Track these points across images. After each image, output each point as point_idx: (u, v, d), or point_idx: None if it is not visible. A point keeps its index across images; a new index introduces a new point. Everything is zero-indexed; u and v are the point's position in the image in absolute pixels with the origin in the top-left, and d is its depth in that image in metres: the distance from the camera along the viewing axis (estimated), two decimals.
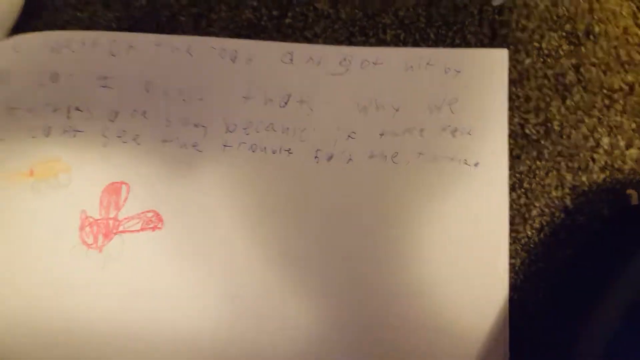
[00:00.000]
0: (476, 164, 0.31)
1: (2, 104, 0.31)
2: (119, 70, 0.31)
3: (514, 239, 0.31)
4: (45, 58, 0.31)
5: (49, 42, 0.31)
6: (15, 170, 0.30)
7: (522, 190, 0.32)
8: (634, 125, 0.32)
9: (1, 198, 0.30)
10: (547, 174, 0.32)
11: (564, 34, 0.33)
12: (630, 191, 0.32)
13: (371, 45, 0.33)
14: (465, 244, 0.30)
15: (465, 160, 0.31)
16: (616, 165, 0.32)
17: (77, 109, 0.31)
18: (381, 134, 0.32)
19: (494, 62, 0.33)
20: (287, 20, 0.33)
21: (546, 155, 0.32)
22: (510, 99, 0.33)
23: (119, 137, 0.31)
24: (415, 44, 0.34)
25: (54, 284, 0.30)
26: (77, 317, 0.29)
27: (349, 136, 0.32)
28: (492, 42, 0.34)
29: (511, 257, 0.31)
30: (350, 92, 0.32)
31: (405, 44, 0.34)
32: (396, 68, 0.33)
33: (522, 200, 0.32)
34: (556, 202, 0.31)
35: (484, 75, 0.33)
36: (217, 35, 0.33)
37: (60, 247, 0.30)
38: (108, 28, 0.33)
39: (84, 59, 0.31)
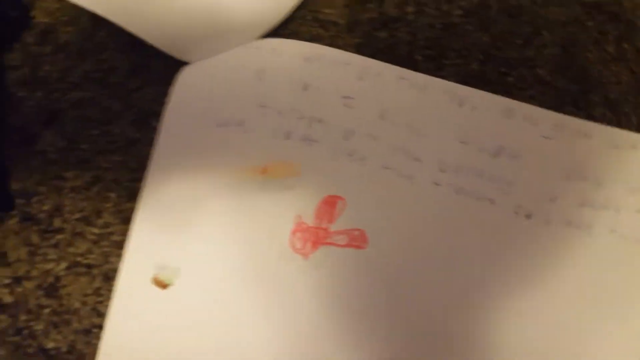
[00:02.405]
0: None
1: (255, 99, 0.30)
2: (362, 93, 0.30)
3: None
4: (299, 66, 0.30)
5: (305, 53, 0.30)
6: (251, 164, 0.29)
7: None
8: None
9: (233, 188, 0.29)
10: None
11: None
12: None
13: (579, 117, 0.32)
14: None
15: None
16: None
17: (319, 120, 0.30)
18: (580, 205, 0.30)
19: None
20: (510, 79, 0.32)
21: None
22: None
23: (349, 155, 0.30)
24: (619, 126, 0.32)
25: (256, 279, 0.29)
26: (269, 313, 0.28)
27: (550, 199, 0.30)
28: None
29: None
30: (557, 158, 0.31)
31: (609, 123, 0.32)
32: (603, 145, 0.31)
33: None
34: None
35: None
36: (445, 78, 0.31)
37: (271, 246, 0.29)
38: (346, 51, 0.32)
39: (334, 76, 0.30)
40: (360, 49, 0.32)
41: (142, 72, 0.31)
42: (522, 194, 0.31)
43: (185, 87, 0.29)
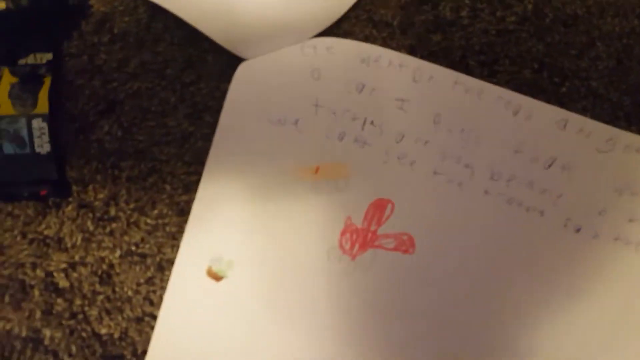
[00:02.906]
0: None
1: (310, 98, 0.29)
2: (416, 96, 0.30)
3: None
4: (354, 67, 0.29)
5: (361, 53, 0.29)
6: (304, 163, 0.29)
7: None
8: None
9: (286, 187, 0.29)
10: None
11: None
12: None
13: (632, 132, 0.31)
14: None
15: None
16: None
17: (372, 123, 0.29)
18: (630, 220, 0.29)
19: None
20: (563, 89, 0.31)
21: None
22: None
23: (399, 158, 0.30)
24: None
25: (304, 277, 0.29)
26: (316, 310, 0.28)
27: (599, 213, 0.30)
28: None
29: None
30: (609, 172, 0.30)
31: None
32: None
33: None
34: None
35: None
36: (497, 85, 0.30)
37: (320, 246, 0.29)
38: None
39: (389, 77, 0.30)
40: (413, 52, 0.31)
41: (198, 67, 0.30)
42: (572, 207, 0.30)
43: (242, 83, 0.29)
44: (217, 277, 0.28)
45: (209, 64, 0.30)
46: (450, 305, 0.29)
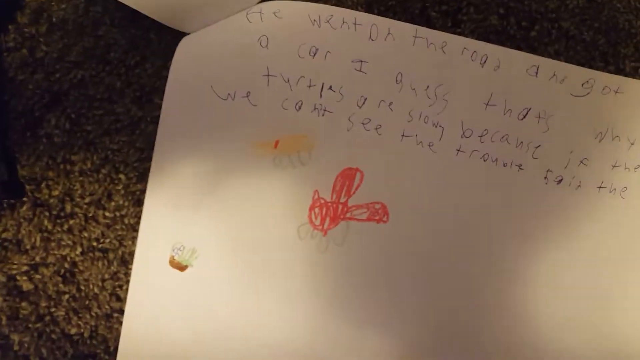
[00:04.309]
0: None
1: (259, 69, 0.26)
2: (375, 56, 0.26)
3: None
4: (306, 30, 0.26)
5: (311, 14, 0.26)
6: (262, 138, 0.26)
7: None
8: None
9: (245, 165, 0.26)
10: None
11: None
12: None
13: (609, 72, 0.27)
14: None
15: None
16: None
17: (330, 88, 0.26)
18: (613, 166, 0.26)
19: None
20: (533, 33, 0.27)
21: None
22: None
23: (363, 124, 0.27)
24: None
25: (276, 259, 0.26)
26: (290, 291, 0.26)
27: (581, 162, 0.27)
28: None
29: None
30: (588, 116, 0.27)
31: None
32: (636, 100, 0.27)
33: None
34: None
35: None
36: (463, 35, 0.27)
37: (289, 224, 0.26)
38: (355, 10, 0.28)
39: (344, 38, 0.26)
40: (370, 8, 0.28)
41: (141, 47, 0.27)
42: (552, 158, 0.27)
43: (184, 60, 0.26)
44: (180, 267, 0.26)
45: (152, 43, 0.27)
46: (432, 271, 0.26)
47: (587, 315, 0.27)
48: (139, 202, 0.26)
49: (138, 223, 0.26)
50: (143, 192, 0.27)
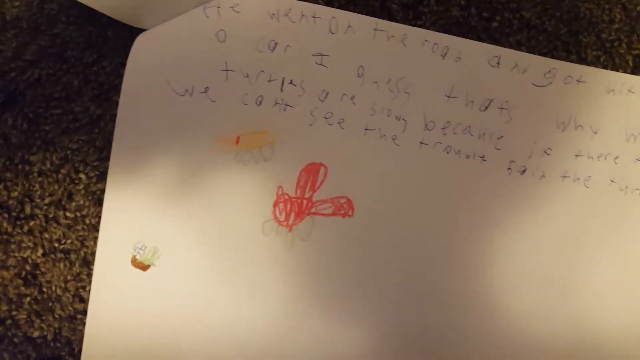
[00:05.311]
0: None
1: (217, 64, 0.25)
2: (336, 49, 0.26)
3: None
4: (265, 23, 0.25)
5: (269, 8, 0.25)
6: (222, 134, 0.25)
7: None
8: None
9: (205, 162, 0.25)
10: None
11: None
12: None
13: (571, 62, 0.27)
14: (637, 280, 0.25)
15: None
16: None
17: (291, 82, 0.25)
18: (577, 155, 0.26)
19: None
20: (495, 24, 0.27)
21: None
22: None
23: (326, 118, 0.26)
24: (614, 68, 0.28)
25: (242, 257, 0.25)
26: (256, 288, 0.25)
27: (544, 152, 0.26)
28: None
29: None
30: (550, 106, 0.27)
31: (604, 66, 0.28)
32: (598, 89, 0.27)
33: None
34: None
35: None
36: (424, 27, 0.26)
37: (253, 220, 0.26)
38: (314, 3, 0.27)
39: (303, 31, 0.25)
40: (330, 1, 0.27)
41: (99, 45, 0.26)
42: (514, 148, 0.27)
43: (141, 56, 0.25)
44: (142, 267, 0.25)
45: (110, 40, 0.26)
46: (398, 264, 0.26)
47: (554, 302, 0.26)
48: (100, 202, 0.26)
49: (99, 223, 0.25)
50: (103, 191, 0.26)
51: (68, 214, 0.26)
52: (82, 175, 0.26)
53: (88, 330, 0.25)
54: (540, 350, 0.27)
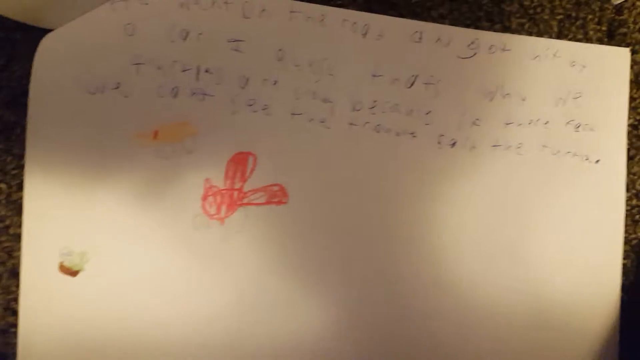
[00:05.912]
0: (597, 161, 0.26)
1: (127, 58, 0.24)
2: (252, 34, 0.25)
3: (624, 240, 0.26)
4: (174, 13, 0.24)
5: None
6: (139, 130, 0.24)
7: (634, 191, 0.26)
8: None
9: (124, 160, 0.24)
10: None
11: None
12: None
13: (496, 31, 0.27)
14: (578, 241, 0.26)
15: (587, 156, 0.26)
16: None
17: (207, 71, 0.25)
18: (507, 123, 0.26)
19: (617, 61, 0.27)
20: None
21: None
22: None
23: (249, 105, 0.25)
24: (539, 34, 0.27)
25: (175, 254, 0.24)
26: (194, 286, 0.24)
27: (473, 123, 0.26)
28: (610, 41, 0.28)
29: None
30: (477, 77, 0.26)
31: (529, 33, 0.27)
32: (523, 56, 0.27)
33: (634, 202, 0.26)
34: None
35: (607, 73, 0.27)
36: (345, 7, 0.26)
37: (182, 216, 0.25)
38: None
39: (215, 18, 0.25)
40: None
41: (7, 48, 0.25)
42: (443, 122, 0.26)
43: (48, 58, 0.24)
44: (71, 272, 0.24)
45: (19, 43, 0.25)
46: (339, 246, 0.25)
47: (499, 270, 0.26)
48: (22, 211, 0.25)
49: None
50: None
51: None
52: (2, 185, 0.25)
53: (21, 342, 0.24)
54: (492, 319, 0.27)
